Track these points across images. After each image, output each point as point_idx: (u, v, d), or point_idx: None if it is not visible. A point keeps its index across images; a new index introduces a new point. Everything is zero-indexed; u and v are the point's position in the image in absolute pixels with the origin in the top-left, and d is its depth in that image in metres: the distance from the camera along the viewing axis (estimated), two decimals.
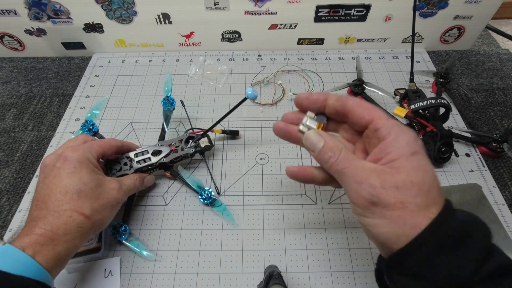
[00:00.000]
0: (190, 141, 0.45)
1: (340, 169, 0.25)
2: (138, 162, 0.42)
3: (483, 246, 0.21)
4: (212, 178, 0.46)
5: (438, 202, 0.22)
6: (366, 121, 0.26)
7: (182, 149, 0.44)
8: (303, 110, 0.30)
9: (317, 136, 0.27)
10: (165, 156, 0.43)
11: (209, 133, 0.46)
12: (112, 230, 0.40)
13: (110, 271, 0.38)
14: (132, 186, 0.39)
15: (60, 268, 0.30)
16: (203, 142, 0.46)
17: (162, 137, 0.48)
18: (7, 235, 0.42)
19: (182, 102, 0.52)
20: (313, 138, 0.27)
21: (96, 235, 0.39)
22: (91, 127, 0.46)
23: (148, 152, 0.43)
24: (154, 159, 0.43)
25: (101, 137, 0.47)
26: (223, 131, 0.50)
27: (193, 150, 0.44)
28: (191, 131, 0.49)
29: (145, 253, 0.39)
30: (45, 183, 0.32)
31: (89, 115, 0.48)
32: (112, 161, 0.42)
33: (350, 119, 0.27)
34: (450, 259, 0.20)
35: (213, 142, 0.48)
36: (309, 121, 0.29)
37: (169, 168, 0.45)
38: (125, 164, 0.42)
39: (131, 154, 0.43)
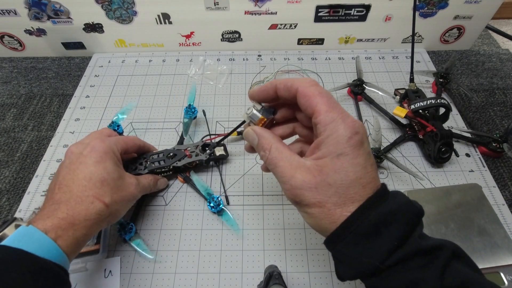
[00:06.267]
0: (206, 148, 0.45)
1: (272, 168, 0.26)
2: (152, 163, 0.43)
3: (399, 235, 0.22)
4: (224, 189, 0.45)
5: (357, 200, 0.23)
6: (309, 113, 0.26)
7: (196, 155, 0.44)
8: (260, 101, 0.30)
9: (253, 134, 0.28)
10: (178, 160, 0.44)
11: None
12: (119, 227, 0.40)
13: (110, 271, 0.38)
14: (147, 185, 0.40)
15: (75, 253, 0.31)
16: (219, 151, 0.46)
17: (181, 142, 0.49)
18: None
19: (204, 111, 0.53)
20: (250, 135, 0.29)
21: (94, 236, 0.39)
22: (116, 128, 0.48)
23: (163, 155, 0.44)
24: (168, 162, 0.43)
25: None
26: (238, 133, 0.50)
27: (207, 157, 0.44)
28: (208, 137, 0.49)
29: (148, 255, 0.39)
30: (70, 168, 0.33)
31: (115, 118, 0.49)
32: (128, 160, 0.43)
33: (300, 108, 0.27)
34: (363, 250, 0.23)
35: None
36: (254, 112, 0.29)
37: (182, 172, 0.46)
38: (140, 164, 0.43)
39: (147, 155, 0.44)
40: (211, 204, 0.42)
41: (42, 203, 0.32)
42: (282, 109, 0.30)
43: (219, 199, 0.42)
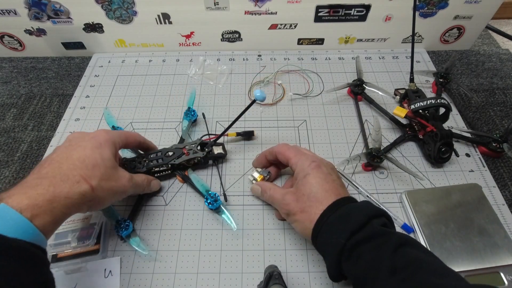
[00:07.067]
0: (204, 148, 0.46)
1: (271, 200, 0.40)
2: (150, 161, 0.44)
3: (357, 222, 0.30)
4: (223, 189, 0.46)
5: (324, 201, 0.33)
6: (286, 162, 0.40)
7: (194, 153, 0.45)
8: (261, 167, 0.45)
9: (256, 186, 0.43)
10: (176, 158, 0.44)
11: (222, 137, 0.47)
12: (115, 224, 0.40)
13: (110, 271, 0.38)
14: (140, 182, 0.40)
15: (53, 231, 0.30)
16: (217, 149, 0.47)
17: (181, 143, 0.49)
18: None
19: (203, 114, 0.53)
20: (254, 188, 0.43)
21: (94, 237, 0.39)
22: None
23: (162, 154, 0.44)
24: (166, 160, 0.44)
25: None
26: (238, 134, 0.50)
27: (204, 154, 0.45)
28: (206, 137, 0.49)
29: (143, 252, 0.39)
30: (68, 148, 0.34)
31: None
32: (128, 159, 0.44)
33: (282, 162, 0.41)
34: (332, 234, 0.31)
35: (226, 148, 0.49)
36: (255, 173, 0.44)
37: (181, 171, 0.46)
38: (139, 163, 0.44)
39: (145, 154, 0.45)
40: (208, 201, 0.42)
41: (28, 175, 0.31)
42: (276, 169, 0.45)
43: (216, 195, 0.42)
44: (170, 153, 0.45)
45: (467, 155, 0.49)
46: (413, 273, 0.27)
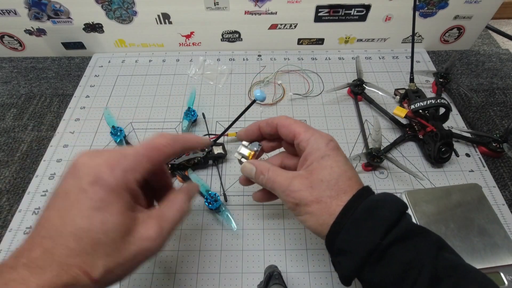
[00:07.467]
0: (205, 148, 0.46)
1: (271, 185, 0.30)
2: None
3: (390, 217, 0.25)
4: (223, 188, 0.46)
5: (348, 191, 0.27)
6: (291, 138, 0.31)
7: (194, 153, 0.45)
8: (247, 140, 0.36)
9: (249, 165, 0.32)
10: (176, 158, 0.44)
11: (221, 137, 0.47)
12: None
13: None
14: (178, 217, 0.27)
15: None
16: (217, 149, 0.47)
17: None
18: (8, 236, 0.42)
19: (203, 114, 0.53)
20: (247, 167, 0.33)
21: None
22: (118, 133, 0.49)
23: None
24: None
25: (128, 144, 0.50)
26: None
27: (204, 154, 0.45)
28: (206, 137, 0.49)
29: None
30: (62, 206, 0.23)
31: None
32: None
33: (282, 138, 0.33)
34: (361, 232, 0.25)
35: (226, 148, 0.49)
36: (242, 149, 0.35)
37: (181, 170, 0.46)
38: None
39: None
40: (208, 201, 0.42)
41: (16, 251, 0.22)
42: (271, 143, 0.36)
43: (216, 195, 0.42)
44: None
45: (467, 155, 0.49)
46: (458, 284, 0.23)
